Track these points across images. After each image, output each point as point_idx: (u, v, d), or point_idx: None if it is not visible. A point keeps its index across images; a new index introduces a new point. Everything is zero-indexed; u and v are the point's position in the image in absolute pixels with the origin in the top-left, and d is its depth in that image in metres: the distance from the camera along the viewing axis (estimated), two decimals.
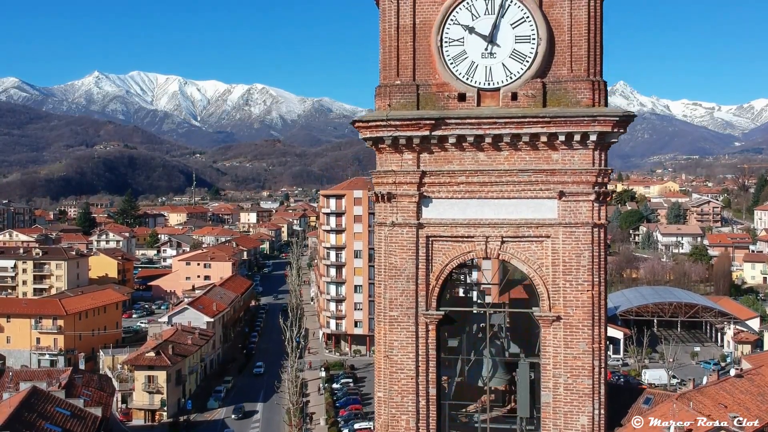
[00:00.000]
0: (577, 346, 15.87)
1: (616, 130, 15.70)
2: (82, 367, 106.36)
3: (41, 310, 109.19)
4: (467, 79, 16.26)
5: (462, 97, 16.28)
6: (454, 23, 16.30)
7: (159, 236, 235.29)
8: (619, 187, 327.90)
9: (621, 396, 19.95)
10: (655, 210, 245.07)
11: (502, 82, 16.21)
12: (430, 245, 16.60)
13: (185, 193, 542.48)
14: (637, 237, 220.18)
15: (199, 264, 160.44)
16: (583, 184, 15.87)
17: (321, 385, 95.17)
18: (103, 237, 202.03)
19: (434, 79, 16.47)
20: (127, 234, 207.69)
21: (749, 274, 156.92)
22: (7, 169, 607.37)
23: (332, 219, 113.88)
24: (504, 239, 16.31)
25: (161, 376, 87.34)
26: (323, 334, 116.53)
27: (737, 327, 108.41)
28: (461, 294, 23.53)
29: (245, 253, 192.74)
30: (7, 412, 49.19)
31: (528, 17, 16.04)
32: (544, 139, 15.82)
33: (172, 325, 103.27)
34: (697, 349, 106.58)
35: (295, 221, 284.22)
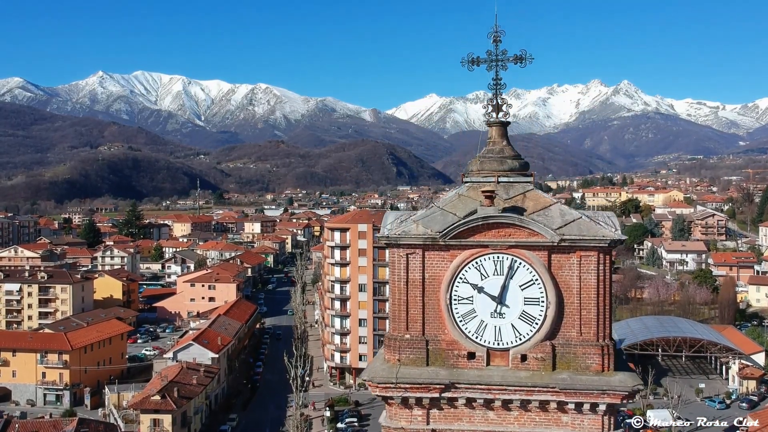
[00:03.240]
0: None
1: (625, 401, 15.73)
2: (87, 402, 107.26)
3: (47, 344, 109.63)
4: (476, 337, 16.24)
5: (471, 356, 16.28)
6: (463, 281, 16.28)
7: (163, 249, 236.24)
8: (624, 196, 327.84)
9: None
10: (659, 222, 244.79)
11: (512, 342, 16.19)
12: None
13: (189, 196, 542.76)
14: (641, 252, 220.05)
15: (203, 285, 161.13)
16: None
17: (325, 422, 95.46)
18: (108, 253, 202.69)
19: (443, 335, 16.44)
20: (131, 250, 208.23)
21: (754, 297, 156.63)
22: (12, 171, 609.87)
23: (337, 252, 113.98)
24: None
25: (167, 419, 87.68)
26: (328, 366, 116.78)
27: (742, 362, 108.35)
28: None
29: (249, 270, 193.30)
30: None
31: (537, 280, 16.02)
32: (554, 405, 15.86)
33: (177, 362, 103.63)
34: (702, 385, 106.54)
35: (299, 232, 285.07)
